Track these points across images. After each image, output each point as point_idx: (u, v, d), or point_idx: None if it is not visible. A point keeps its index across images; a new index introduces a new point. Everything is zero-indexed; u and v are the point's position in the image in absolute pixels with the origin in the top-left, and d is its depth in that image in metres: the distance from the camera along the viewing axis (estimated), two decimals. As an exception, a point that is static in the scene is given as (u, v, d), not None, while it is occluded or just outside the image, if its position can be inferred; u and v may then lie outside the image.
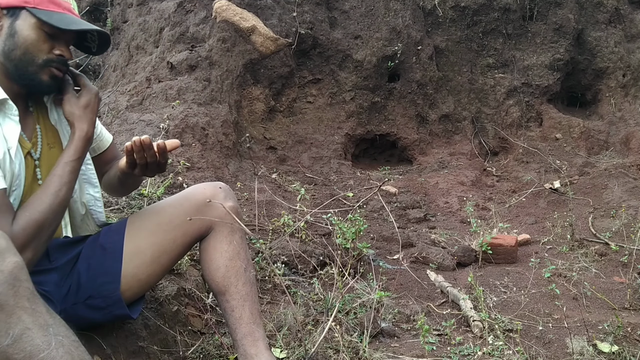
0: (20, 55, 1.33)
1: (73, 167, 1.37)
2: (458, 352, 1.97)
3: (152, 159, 1.40)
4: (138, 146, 1.37)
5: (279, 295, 2.39)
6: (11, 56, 1.33)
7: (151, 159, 1.40)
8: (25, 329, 1.05)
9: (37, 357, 1.04)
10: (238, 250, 1.56)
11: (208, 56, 4.50)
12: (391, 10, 5.23)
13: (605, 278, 2.79)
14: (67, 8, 1.39)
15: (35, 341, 1.05)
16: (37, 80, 1.36)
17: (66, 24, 1.34)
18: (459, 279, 2.81)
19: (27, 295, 1.07)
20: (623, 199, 3.92)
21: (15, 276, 1.06)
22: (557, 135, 5.21)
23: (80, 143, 1.39)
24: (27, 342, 1.04)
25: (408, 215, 3.92)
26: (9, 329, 1.03)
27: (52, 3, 1.36)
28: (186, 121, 3.88)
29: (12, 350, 1.03)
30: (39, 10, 1.32)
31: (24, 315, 1.05)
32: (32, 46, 1.33)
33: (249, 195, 3.48)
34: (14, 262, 1.07)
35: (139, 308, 1.56)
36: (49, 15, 1.33)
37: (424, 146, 5.27)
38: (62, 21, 1.34)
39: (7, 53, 1.33)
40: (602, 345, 1.94)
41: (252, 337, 1.51)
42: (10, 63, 1.34)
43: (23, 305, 1.06)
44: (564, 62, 5.42)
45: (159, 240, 1.52)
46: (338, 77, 5.14)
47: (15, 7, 1.33)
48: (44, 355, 1.05)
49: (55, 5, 1.36)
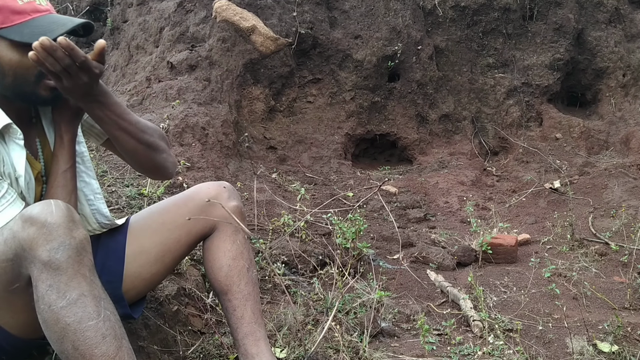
0: (12, 80, 1.26)
1: (72, 173, 1.37)
2: (458, 352, 1.97)
3: (65, 62, 1.15)
4: (42, 51, 1.13)
5: (279, 295, 2.39)
6: (4, 84, 1.26)
7: (63, 62, 1.15)
8: (82, 295, 1.10)
9: (85, 324, 1.09)
10: (241, 250, 1.56)
11: (208, 56, 4.50)
12: (391, 10, 5.23)
13: (605, 278, 2.79)
14: (33, 9, 1.25)
15: (87, 308, 1.10)
16: (38, 97, 1.30)
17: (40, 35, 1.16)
18: (459, 278, 2.81)
19: (89, 266, 1.14)
20: (623, 198, 3.92)
21: (83, 246, 1.13)
22: (557, 135, 5.21)
23: (72, 147, 1.38)
24: (81, 308, 1.09)
25: (408, 215, 3.92)
26: (67, 291, 1.09)
27: (15, 13, 1.23)
28: (186, 121, 3.88)
29: (65, 312, 1.08)
30: (7, 30, 1.22)
31: (83, 282, 1.11)
32: (19, 67, 1.24)
33: (249, 195, 3.48)
34: (85, 234, 1.15)
35: (141, 309, 1.57)
36: (19, 32, 1.22)
37: (424, 146, 5.27)
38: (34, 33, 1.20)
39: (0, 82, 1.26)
40: (602, 345, 1.95)
41: (254, 336, 1.51)
42: (7, 91, 1.28)
43: (84, 273, 1.12)
44: (564, 62, 5.42)
45: (164, 240, 1.52)
46: (338, 77, 5.14)
47: None
48: (93, 324, 1.10)
49: (19, 15, 1.23)
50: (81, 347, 1.09)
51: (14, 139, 1.28)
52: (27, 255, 1.10)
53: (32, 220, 1.10)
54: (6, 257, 1.13)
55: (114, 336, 1.12)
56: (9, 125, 1.26)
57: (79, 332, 1.09)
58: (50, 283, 1.08)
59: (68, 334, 1.09)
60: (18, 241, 1.10)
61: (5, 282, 1.17)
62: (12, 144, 1.27)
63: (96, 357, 1.10)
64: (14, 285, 1.17)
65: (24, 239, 1.09)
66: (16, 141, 1.28)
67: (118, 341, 1.13)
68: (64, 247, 1.09)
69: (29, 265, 1.10)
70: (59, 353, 1.13)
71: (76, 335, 1.09)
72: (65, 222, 1.11)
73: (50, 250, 1.08)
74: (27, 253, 1.10)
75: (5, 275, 1.16)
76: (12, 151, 1.27)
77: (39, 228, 1.09)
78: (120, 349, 1.13)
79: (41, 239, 1.09)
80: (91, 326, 1.09)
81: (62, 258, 1.09)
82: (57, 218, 1.11)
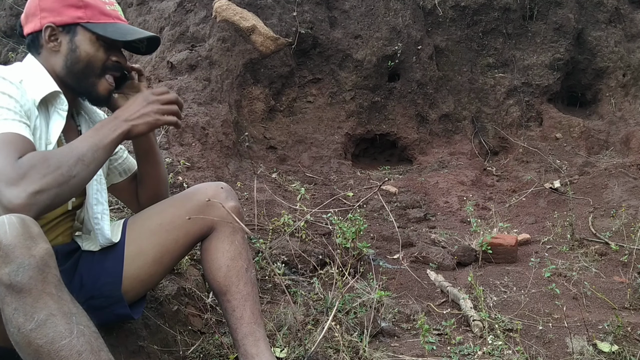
0: (82, 67, 1.40)
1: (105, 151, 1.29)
2: (458, 351, 1.97)
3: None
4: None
5: (279, 295, 2.39)
6: (74, 69, 1.39)
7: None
8: (50, 315, 1.07)
9: (58, 344, 1.06)
10: (240, 251, 1.56)
11: (208, 56, 4.50)
12: (391, 10, 5.23)
13: (605, 278, 2.79)
14: (117, 16, 1.45)
15: (58, 328, 1.07)
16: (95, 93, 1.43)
17: (121, 35, 1.40)
18: (459, 278, 2.81)
19: (55, 282, 1.09)
20: (623, 198, 3.92)
21: (45, 262, 1.08)
22: (557, 135, 5.21)
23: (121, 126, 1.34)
24: (51, 328, 1.06)
25: (408, 214, 3.92)
26: (34, 313, 1.05)
27: (103, 14, 1.41)
28: (186, 121, 3.88)
29: (35, 334, 1.05)
30: (94, 25, 1.39)
31: (50, 301, 1.07)
32: (93, 58, 1.40)
33: (249, 194, 3.48)
34: (45, 249, 1.09)
35: (141, 309, 1.56)
36: (104, 29, 1.39)
37: (424, 146, 5.27)
38: (117, 32, 1.40)
39: (70, 67, 1.39)
40: (602, 345, 1.94)
41: (253, 337, 1.51)
42: (72, 76, 1.40)
43: (50, 291, 1.08)
44: (564, 61, 5.42)
45: (161, 241, 1.51)
46: (338, 77, 5.14)
47: (69, 24, 1.39)
48: (66, 342, 1.07)
49: (105, 16, 1.42)
50: None
51: (58, 109, 1.36)
52: None
53: None
54: None
55: (91, 351, 1.09)
56: (58, 93, 1.37)
57: (53, 352, 1.06)
58: (16, 306, 1.05)
59: (42, 356, 1.06)
60: None
61: None
62: (54, 113, 1.36)
63: None
64: None
65: None
66: (59, 111, 1.36)
67: (95, 355, 1.10)
68: (23, 269, 1.05)
69: None
70: None
71: (50, 357, 1.06)
72: (22, 241, 1.06)
73: (10, 273, 1.04)
74: None
75: None
76: (52, 121, 1.34)
77: None
78: None
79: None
80: (64, 345, 1.06)
81: (23, 280, 1.05)
82: (12, 238, 1.05)
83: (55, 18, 1.38)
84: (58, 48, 1.39)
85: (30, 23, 1.41)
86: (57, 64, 1.39)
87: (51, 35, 1.38)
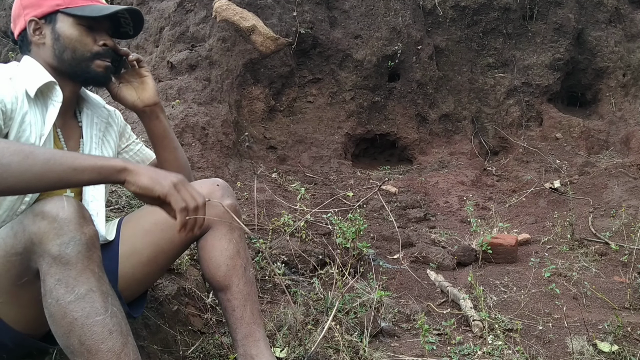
0: (71, 54, 1.39)
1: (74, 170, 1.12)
2: (458, 351, 1.97)
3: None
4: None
5: (279, 295, 2.39)
6: (64, 57, 1.39)
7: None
8: (90, 291, 1.11)
9: (93, 319, 1.10)
10: (238, 249, 1.54)
11: (208, 56, 4.50)
12: (391, 10, 5.23)
13: (605, 278, 2.79)
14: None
15: (95, 304, 1.11)
16: (92, 72, 1.42)
17: (99, 12, 1.40)
18: (459, 278, 2.81)
19: (98, 262, 1.15)
20: (623, 198, 3.92)
21: (93, 242, 1.14)
22: (557, 135, 5.21)
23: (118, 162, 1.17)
24: (89, 303, 1.10)
25: (408, 214, 3.92)
26: (75, 286, 1.10)
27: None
28: (186, 121, 3.88)
29: (72, 307, 1.09)
30: (72, 9, 1.40)
31: (92, 278, 1.12)
32: (78, 42, 1.39)
33: (249, 194, 3.48)
34: (94, 231, 1.16)
35: (141, 309, 1.55)
36: (81, 10, 1.40)
37: (424, 146, 5.27)
38: (94, 11, 1.40)
39: (59, 56, 1.40)
40: (602, 345, 1.94)
41: (253, 337, 1.50)
42: (65, 64, 1.40)
43: (93, 269, 1.13)
44: (564, 61, 5.42)
45: (156, 240, 1.50)
46: (338, 77, 5.14)
47: (49, 13, 1.40)
48: (100, 319, 1.11)
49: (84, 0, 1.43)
50: (87, 342, 1.10)
51: (53, 101, 1.37)
52: (37, 249, 1.10)
53: (44, 214, 1.11)
54: (15, 251, 1.14)
55: (120, 332, 1.13)
56: (53, 84, 1.37)
57: (86, 327, 1.09)
58: (59, 277, 1.09)
59: (75, 329, 1.09)
60: (28, 235, 1.11)
61: (14, 275, 1.17)
62: (50, 105, 1.36)
63: (102, 352, 1.10)
64: (22, 279, 1.17)
65: (34, 233, 1.10)
66: (54, 103, 1.37)
67: (124, 337, 1.14)
68: (74, 243, 1.10)
69: (38, 259, 1.11)
70: (64, 348, 1.12)
71: (83, 330, 1.09)
72: (77, 218, 1.12)
73: (61, 244, 1.09)
74: (36, 247, 1.10)
75: (14, 269, 1.16)
76: (47, 113, 1.35)
77: (50, 222, 1.10)
78: (126, 345, 1.14)
79: (52, 234, 1.09)
80: (98, 321, 1.10)
81: (72, 253, 1.10)
82: (69, 214, 1.11)
83: (37, 11, 1.40)
84: (43, 40, 1.40)
85: (18, 24, 1.43)
86: (47, 55, 1.40)
87: (35, 29, 1.40)
